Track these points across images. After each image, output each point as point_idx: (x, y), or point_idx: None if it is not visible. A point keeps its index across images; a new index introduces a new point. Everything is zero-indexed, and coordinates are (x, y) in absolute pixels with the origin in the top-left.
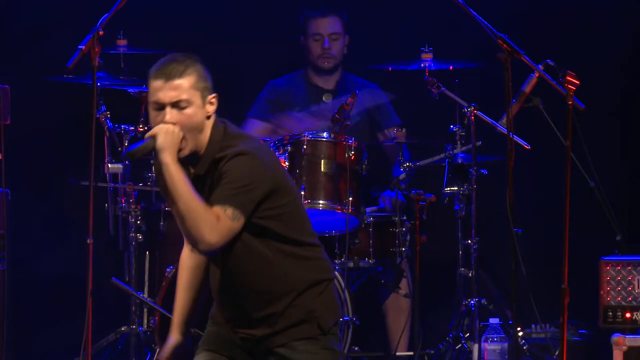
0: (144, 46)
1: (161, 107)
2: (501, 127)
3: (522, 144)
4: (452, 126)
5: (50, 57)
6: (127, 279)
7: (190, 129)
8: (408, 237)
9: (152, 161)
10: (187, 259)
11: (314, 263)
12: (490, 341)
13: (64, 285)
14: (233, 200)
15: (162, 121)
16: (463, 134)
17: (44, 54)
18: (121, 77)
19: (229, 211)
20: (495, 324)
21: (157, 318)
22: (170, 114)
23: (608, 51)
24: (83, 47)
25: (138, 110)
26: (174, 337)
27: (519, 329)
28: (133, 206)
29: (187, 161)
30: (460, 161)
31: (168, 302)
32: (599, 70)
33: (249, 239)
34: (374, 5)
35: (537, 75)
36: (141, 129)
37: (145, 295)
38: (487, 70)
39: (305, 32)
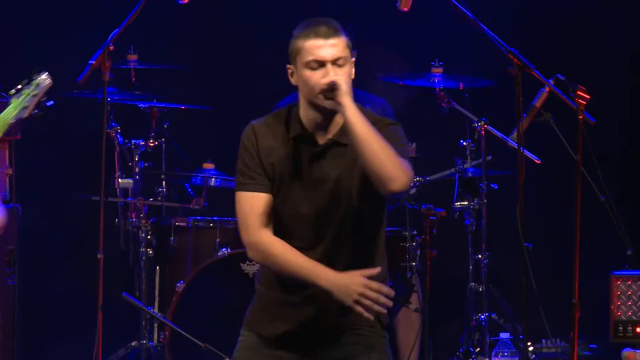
0: (155, 61)
1: (320, 64)
2: (512, 142)
3: (533, 158)
4: (462, 141)
5: (61, 72)
6: (137, 294)
7: (348, 87)
8: (418, 251)
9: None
10: (275, 238)
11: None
12: (501, 356)
13: (74, 300)
14: (405, 156)
15: (323, 79)
16: (473, 148)
17: (54, 68)
18: (137, 92)
19: (406, 163)
20: (506, 338)
21: (167, 333)
22: (333, 70)
23: (619, 65)
24: (94, 62)
25: (148, 125)
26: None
27: (529, 343)
28: (143, 221)
29: (322, 124)
30: (470, 176)
31: (178, 317)
32: (610, 84)
33: (367, 213)
34: (384, 19)
35: (547, 89)
36: (152, 144)
37: (156, 310)
38: (497, 85)
39: None
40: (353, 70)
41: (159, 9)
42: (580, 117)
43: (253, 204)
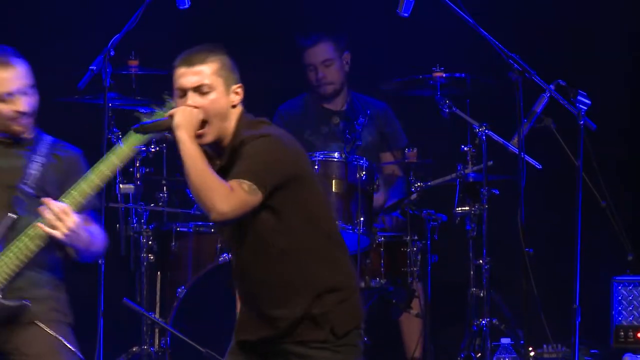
0: (156, 67)
1: (184, 92)
2: (512, 147)
3: (533, 164)
4: (463, 146)
5: (62, 77)
6: (138, 300)
7: (213, 115)
8: (419, 257)
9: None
10: None
11: (337, 265)
12: None
13: (75, 305)
14: (250, 175)
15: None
16: (474, 153)
17: (54, 74)
18: (138, 98)
19: (244, 184)
20: (507, 344)
21: (168, 338)
22: (192, 98)
23: (620, 70)
24: (94, 67)
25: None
26: None
27: (530, 349)
28: (144, 227)
29: (212, 153)
30: (471, 181)
31: (179, 322)
32: (611, 89)
33: (264, 227)
34: (384, 24)
35: (548, 95)
36: (153, 150)
37: (157, 315)
38: (498, 91)
39: (302, 60)
40: (231, 98)
41: (160, 15)
42: (581, 122)
43: None
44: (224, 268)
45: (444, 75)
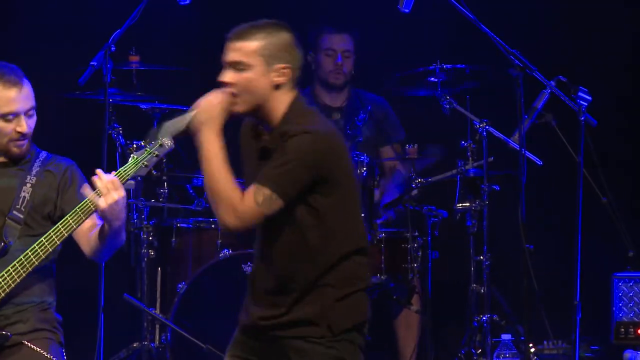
0: (157, 62)
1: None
2: (513, 143)
3: (534, 160)
4: (463, 142)
5: (63, 73)
6: (139, 295)
7: (247, 92)
8: (420, 253)
9: None
10: None
11: (349, 267)
12: (502, 357)
13: (75, 301)
14: (273, 182)
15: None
16: (475, 149)
17: (56, 70)
18: (139, 93)
19: (260, 195)
20: (507, 340)
21: (169, 334)
22: (226, 73)
23: (621, 66)
24: (95, 63)
25: (150, 126)
26: None
27: (531, 345)
28: (145, 222)
29: (262, 129)
30: (472, 177)
31: (180, 318)
32: (611, 85)
33: (300, 223)
34: (385, 20)
35: (549, 91)
36: None
37: (157, 311)
38: (499, 87)
39: (316, 47)
40: (272, 78)
41: (161, 10)
42: (582, 118)
43: None
44: (225, 264)
45: (444, 66)
